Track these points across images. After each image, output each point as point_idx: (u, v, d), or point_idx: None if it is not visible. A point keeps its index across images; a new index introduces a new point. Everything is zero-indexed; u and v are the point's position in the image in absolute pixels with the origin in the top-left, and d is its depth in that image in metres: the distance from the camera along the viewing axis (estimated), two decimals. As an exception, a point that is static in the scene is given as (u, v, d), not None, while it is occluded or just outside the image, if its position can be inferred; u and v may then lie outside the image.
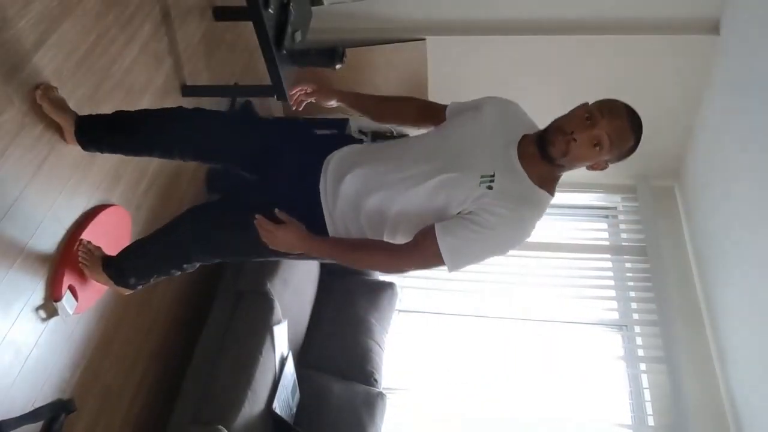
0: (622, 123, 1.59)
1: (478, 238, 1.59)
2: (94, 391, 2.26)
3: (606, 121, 1.58)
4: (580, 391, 3.36)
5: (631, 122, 1.60)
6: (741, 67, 3.12)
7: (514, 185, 1.63)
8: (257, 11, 2.43)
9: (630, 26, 3.40)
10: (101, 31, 2.22)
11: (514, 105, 1.88)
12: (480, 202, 1.59)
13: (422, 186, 1.65)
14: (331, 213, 1.75)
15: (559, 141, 1.62)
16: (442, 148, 1.72)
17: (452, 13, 3.55)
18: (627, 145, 1.62)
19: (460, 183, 1.62)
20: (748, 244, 2.96)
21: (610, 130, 1.58)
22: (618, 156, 1.66)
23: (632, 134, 1.61)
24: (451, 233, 1.59)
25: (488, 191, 1.59)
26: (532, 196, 1.65)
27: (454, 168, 1.64)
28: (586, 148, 1.60)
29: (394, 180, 1.69)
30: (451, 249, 1.59)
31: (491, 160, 1.65)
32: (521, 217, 1.61)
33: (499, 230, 1.59)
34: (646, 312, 3.55)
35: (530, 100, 3.87)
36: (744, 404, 2.95)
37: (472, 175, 1.62)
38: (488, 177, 1.60)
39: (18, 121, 1.86)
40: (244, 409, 2.38)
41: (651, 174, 4.05)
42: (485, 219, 1.57)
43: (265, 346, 2.57)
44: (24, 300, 1.92)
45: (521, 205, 1.61)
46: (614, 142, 1.59)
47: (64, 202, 2.07)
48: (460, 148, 1.70)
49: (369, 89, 3.85)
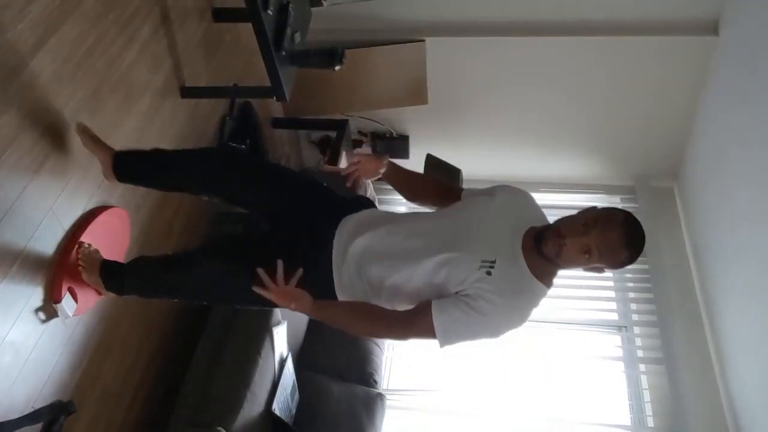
0: (613, 237, 1.60)
1: (471, 322, 1.65)
2: (93, 392, 2.26)
3: (598, 231, 1.61)
4: (579, 393, 3.36)
5: (625, 237, 1.60)
6: (740, 68, 3.12)
7: (513, 274, 1.68)
8: (256, 12, 2.43)
9: (629, 27, 3.41)
10: (101, 33, 2.22)
11: (526, 195, 1.93)
12: (477, 286, 1.65)
13: (425, 261, 1.72)
14: (339, 269, 1.82)
15: (552, 242, 1.66)
16: (450, 228, 1.79)
17: (451, 14, 3.55)
18: (617, 257, 1.63)
19: (460, 263, 1.68)
20: (747, 244, 2.96)
21: (600, 242, 1.60)
22: (613, 265, 1.66)
23: (623, 249, 1.61)
24: (446, 313, 1.66)
25: (486, 276, 1.65)
26: (528, 287, 1.70)
27: (457, 248, 1.70)
28: (576, 254, 1.63)
29: (399, 251, 1.76)
30: (444, 328, 1.66)
31: (495, 247, 1.70)
32: (514, 307, 1.68)
33: (492, 317, 1.65)
34: (645, 313, 3.56)
35: (529, 101, 3.91)
36: (743, 405, 2.95)
37: (473, 258, 1.67)
38: (489, 262, 1.66)
39: (17, 122, 1.86)
40: (244, 410, 2.38)
41: (650, 175, 4.06)
42: (480, 305, 1.64)
43: (265, 348, 2.57)
44: (23, 301, 1.92)
45: (516, 295, 1.67)
46: (603, 254, 1.61)
47: (64, 204, 2.07)
48: (466, 230, 1.76)
49: (368, 90, 3.87)
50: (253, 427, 2.43)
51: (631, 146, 3.97)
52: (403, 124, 4.10)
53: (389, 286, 1.78)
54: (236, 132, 3.30)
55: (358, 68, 3.70)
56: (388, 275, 1.77)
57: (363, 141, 4.17)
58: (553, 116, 3.89)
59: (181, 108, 2.80)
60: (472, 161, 3.96)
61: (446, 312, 1.67)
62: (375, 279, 1.79)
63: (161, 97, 2.64)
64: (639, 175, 4.09)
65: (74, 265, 2.08)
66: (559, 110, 3.86)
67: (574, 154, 4.09)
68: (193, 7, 2.89)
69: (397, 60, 3.70)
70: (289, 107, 3.90)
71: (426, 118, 3.99)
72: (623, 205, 4.12)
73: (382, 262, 1.78)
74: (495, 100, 3.88)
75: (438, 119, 3.99)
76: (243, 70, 3.38)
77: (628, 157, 4.04)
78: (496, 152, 4.17)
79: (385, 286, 1.79)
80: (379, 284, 1.79)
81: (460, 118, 3.98)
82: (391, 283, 1.77)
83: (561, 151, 4.08)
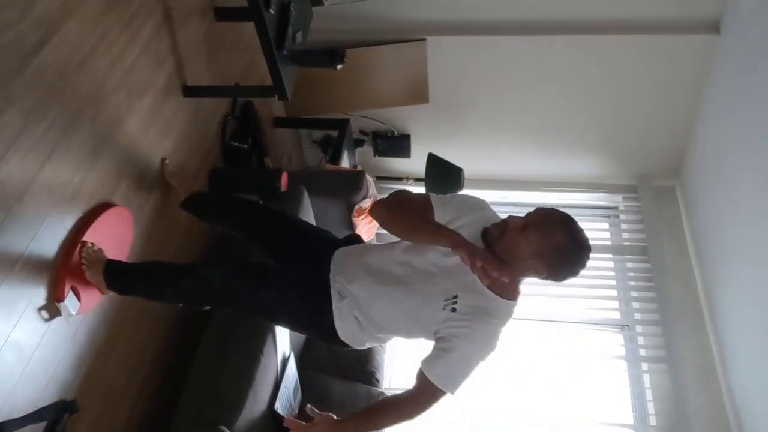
0: (547, 217, 1.71)
1: (458, 362, 1.78)
2: (96, 391, 2.26)
3: (535, 214, 1.74)
4: (581, 392, 3.36)
5: (560, 220, 1.71)
6: (741, 67, 3.12)
7: (476, 301, 1.77)
8: (258, 12, 2.43)
9: (630, 26, 3.41)
10: (103, 32, 2.22)
11: (481, 213, 1.89)
12: (447, 325, 1.77)
13: (397, 306, 1.86)
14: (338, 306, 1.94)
15: (496, 227, 1.77)
16: (415, 269, 1.87)
17: (452, 13, 3.55)
18: (555, 235, 1.68)
19: (426, 308, 1.81)
20: (750, 243, 2.96)
21: (536, 218, 1.72)
22: (554, 254, 1.69)
23: (559, 227, 1.69)
24: (438, 367, 1.78)
25: (452, 314, 1.77)
26: (494, 307, 1.78)
27: (420, 292, 1.82)
28: (514, 232, 1.72)
29: (372, 299, 1.90)
30: (444, 379, 1.77)
31: (453, 281, 1.80)
32: (484, 331, 1.78)
33: (468, 348, 1.77)
34: (647, 312, 3.56)
35: (531, 100, 3.91)
36: (745, 403, 2.95)
37: (436, 300, 1.79)
38: (451, 299, 1.78)
39: (20, 121, 1.86)
40: (246, 409, 2.37)
41: (652, 173, 4.06)
42: (454, 344, 1.76)
43: (267, 347, 2.57)
44: (27, 300, 1.92)
45: (483, 321, 1.76)
46: (539, 228, 1.69)
47: (67, 203, 2.07)
48: (425, 272, 1.85)
49: (369, 89, 3.87)
50: (256, 426, 2.43)
51: (633, 145, 3.97)
52: (405, 123, 4.10)
53: (376, 324, 1.92)
54: (238, 131, 3.30)
55: (360, 67, 3.70)
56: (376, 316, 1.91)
57: (364, 140, 4.17)
58: (555, 115, 3.89)
59: (183, 107, 2.80)
60: (474, 160, 3.96)
61: (436, 367, 1.78)
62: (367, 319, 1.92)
63: (163, 96, 2.64)
64: (641, 173, 4.09)
65: (77, 264, 2.08)
66: (560, 109, 3.86)
67: (575, 153, 4.09)
68: (195, 6, 2.89)
69: (398, 59, 3.70)
70: (291, 106, 3.91)
71: (427, 117, 3.99)
72: (625, 203, 4.12)
73: (367, 306, 1.91)
74: (496, 99, 3.88)
75: (439, 118, 3.99)
76: (245, 69, 3.39)
77: (630, 156, 4.04)
78: (498, 151, 4.17)
79: (372, 323, 1.92)
80: (368, 320, 1.92)
81: (461, 117, 3.98)
82: (381, 322, 1.92)
83: (562, 150, 4.08)
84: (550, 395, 3.35)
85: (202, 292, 2.11)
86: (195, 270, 2.12)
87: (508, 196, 4.28)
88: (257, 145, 3.35)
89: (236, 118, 3.29)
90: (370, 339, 2.00)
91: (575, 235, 1.70)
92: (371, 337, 1.98)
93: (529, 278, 1.81)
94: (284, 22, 2.64)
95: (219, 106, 3.15)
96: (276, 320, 2.28)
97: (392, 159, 4.27)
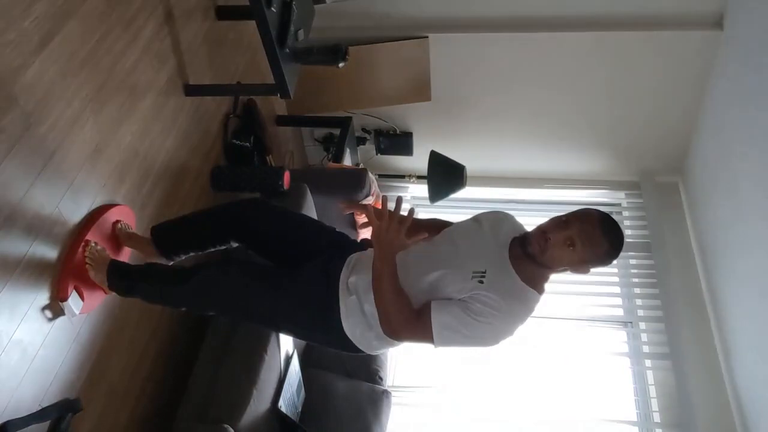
0: (592, 227, 1.71)
1: (468, 322, 1.73)
2: (100, 390, 2.26)
3: (578, 224, 1.72)
4: (585, 389, 3.36)
5: (602, 225, 1.72)
6: (745, 63, 3.11)
7: (504, 282, 1.77)
8: (260, 10, 2.43)
9: (633, 22, 3.40)
10: (105, 31, 2.22)
11: (507, 215, 2.03)
12: (474, 293, 1.74)
13: (417, 283, 1.82)
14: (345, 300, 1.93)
15: (536, 240, 1.77)
16: (438, 251, 1.90)
17: (454, 10, 3.55)
18: (600, 248, 1.72)
19: (453, 278, 1.78)
20: (753, 239, 2.95)
21: (581, 232, 1.71)
22: (596, 259, 1.75)
23: (603, 238, 1.71)
24: (445, 311, 1.75)
25: (480, 284, 1.74)
26: (520, 293, 1.77)
27: (446, 266, 1.81)
28: (560, 247, 1.73)
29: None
30: (441, 325, 1.73)
31: (484, 260, 1.81)
32: (510, 311, 1.74)
33: (488, 319, 1.72)
34: (650, 308, 3.55)
35: (533, 97, 3.91)
36: (750, 399, 2.95)
37: (464, 271, 1.78)
38: (480, 273, 1.76)
39: (22, 121, 1.86)
40: (250, 408, 2.38)
41: (655, 170, 4.05)
42: (477, 308, 1.72)
43: (270, 345, 2.57)
44: (30, 300, 1.92)
45: (510, 299, 1.74)
46: (585, 243, 1.71)
47: (69, 202, 2.07)
48: (454, 249, 1.87)
49: (371, 87, 3.87)
50: (260, 424, 2.43)
51: (636, 142, 3.96)
52: (407, 121, 4.10)
53: None
54: (240, 130, 3.30)
55: (362, 65, 3.70)
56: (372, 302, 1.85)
57: (367, 138, 4.17)
58: (558, 112, 3.88)
59: (184, 106, 2.80)
60: (476, 158, 3.96)
61: (444, 310, 1.75)
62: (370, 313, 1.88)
63: (165, 95, 2.64)
64: (644, 170, 4.08)
65: (80, 263, 2.09)
66: (563, 106, 3.85)
67: (578, 150, 4.08)
68: (196, 5, 2.89)
69: (400, 57, 3.70)
70: (293, 105, 3.91)
71: (429, 115, 3.99)
72: (628, 200, 4.12)
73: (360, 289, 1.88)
74: (499, 96, 3.87)
75: (441, 116, 3.98)
76: (246, 67, 3.38)
77: (633, 153, 4.03)
78: (500, 148, 4.17)
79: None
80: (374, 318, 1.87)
81: (463, 115, 3.97)
82: None
83: (565, 147, 4.07)
84: (553, 392, 3.35)
85: (206, 296, 2.08)
86: (199, 272, 2.10)
87: (510, 194, 4.28)
88: (259, 144, 3.35)
89: (238, 116, 3.29)
90: (378, 340, 1.93)
91: (617, 241, 1.74)
92: (378, 336, 1.92)
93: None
94: (286, 20, 2.64)
95: (221, 105, 3.15)
96: (283, 327, 2.16)
97: (394, 157, 4.27)
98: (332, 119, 3.98)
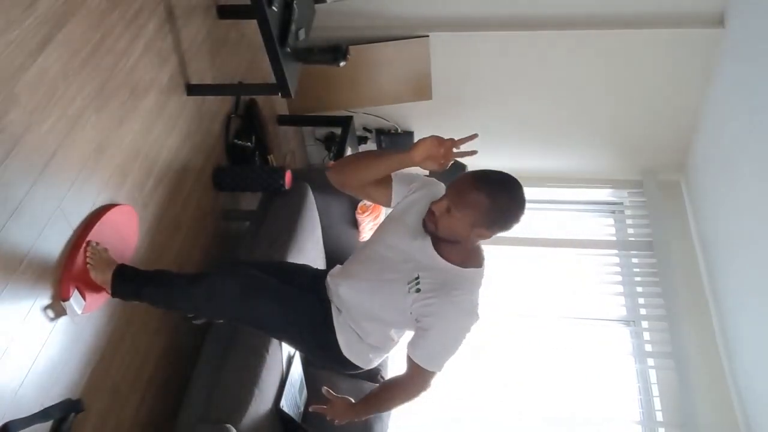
0: (464, 187, 1.74)
1: (436, 340, 1.80)
2: (102, 390, 2.26)
3: (451, 189, 1.77)
4: (588, 388, 3.35)
5: (475, 184, 1.73)
6: (746, 60, 3.11)
7: (438, 277, 1.81)
8: (261, 9, 2.43)
9: (635, 21, 3.39)
10: (106, 30, 2.21)
11: (423, 186, 1.97)
12: (416, 308, 1.79)
13: (367, 303, 1.93)
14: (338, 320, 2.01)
15: (428, 219, 1.81)
16: (374, 262, 1.95)
17: (455, 9, 3.54)
18: (479, 205, 1.71)
19: (393, 295, 1.84)
20: (755, 237, 2.95)
21: (455, 195, 1.75)
22: (486, 219, 1.74)
23: (478, 193, 1.71)
24: (418, 347, 1.83)
25: (418, 294, 1.79)
26: (458, 279, 1.81)
27: (384, 281, 1.88)
28: (444, 217, 1.76)
29: (352, 302, 1.97)
30: (425, 358, 1.82)
31: (411, 264, 1.85)
32: (454, 303, 1.78)
33: (442, 325, 1.78)
34: (653, 307, 3.54)
35: (534, 95, 3.90)
36: (753, 398, 2.94)
37: (400, 286, 1.82)
38: (414, 281, 1.81)
39: (24, 120, 1.86)
40: (252, 407, 2.37)
41: (657, 168, 4.05)
42: (428, 322, 1.79)
43: (272, 345, 2.57)
44: (32, 300, 1.92)
45: (449, 293, 1.77)
46: (461, 205, 1.73)
47: (71, 202, 2.07)
48: (385, 261, 1.91)
49: (372, 86, 3.86)
50: (262, 424, 2.43)
51: (638, 140, 3.95)
52: (408, 120, 4.09)
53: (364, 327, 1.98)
54: (241, 129, 3.30)
55: (362, 64, 3.70)
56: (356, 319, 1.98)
57: (368, 137, 4.17)
58: (559, 111, 3.88)
59: (186, 105, 2.80)
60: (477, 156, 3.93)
61: (417, 348, 1.83)
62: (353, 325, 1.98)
63: (166, 95, 2.64)
64: (646, 168, 4.07)
65: (82, 263, 2.08)
66: (564, 105, 3.84)
67: (579, 149, 4.07)
68: (197, 4, 2.89)
69: (400, 56, 3.69)
70: (294, 104, 3.90)
71: (430, 114, 3.98)
72: (630, 199, 4.11)
73: (347, 311, 1.99)
74: (500, 95, 3.87)
75: (442, 114, 3.97)
76: (248, 67, 3.38)
77: (635, 151, 4.03)
78: (502, 147, 4.15)
79: (363, 329, 1.98)
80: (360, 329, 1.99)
81: (464, 114, 3.97)
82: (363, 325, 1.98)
83: (567, 146, 4.06)
84: (556, 391, 3.34)
85: (213, 302, 2.08)
86: (208, 277, 2.10)
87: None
88: (261, 143, 3.35)
89: (240, 116, 3.29)
90: (371, 351, 2.03)
91: (492, 189, 1.73)
92: (370, 348, 2.02)
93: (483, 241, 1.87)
94: (287, 20, 2.64)
95: (222, 105, 3.15)
96: (285, 336, 2.22)
97: (396, 156, 4.26)
98: (333, 118, 3.98)
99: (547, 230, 3.92)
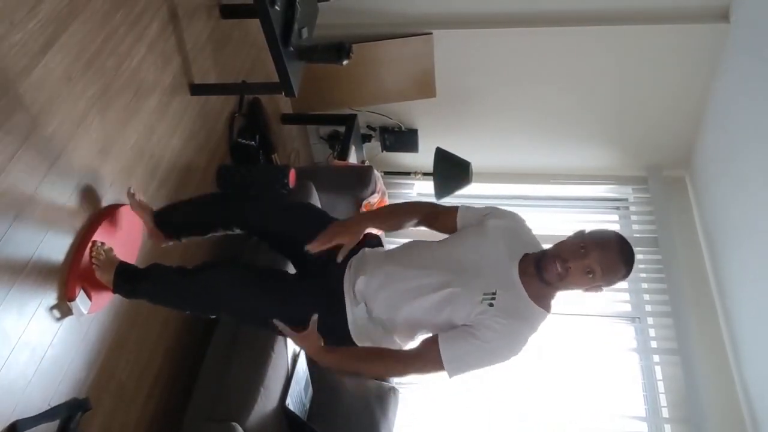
0: (612, 255, 1.73)
1: (476, 351, 1.75)
2: (109, 389, 2.27)
3: (598, 252, 1.72)
4: (593, 384, 3.35)
5: (621, 254, 1.74)
6: (751, 55, 3.09)
7: (513, 302, 1.78)
8: (264, 9, 2.43)
9: (638, 16, 3.38)
10: (109, 31, 2.23)
11: (515, 217, 2.00)
12: (480, 318, 1.75)
13: (427, 298, 1.81)
14: (352, 305, 1.92)
15: (554, 268, 1.76)
16: (449, 261, 1.87)
17: (458, 6, 3.53)
18: (618, 274, 1.76)
19: (463, 299, 1.78)
20: (761, 233, 2.94)
21: (601, 261, 1.72)
22: (611, 282, 1.78)
23: (622, 266, 1.74)
24: (453, 345, 1.76)
25: (489, 308, 1.75)
26: (528, 312, 1.79)
27: (458, 283, 1.80)
28: (580, 276, 1.74)
29: (400, 289, 1.86)
30: (452, 359, 1.75)
31: (494, 278, 1.81)
32: (515, 332, 1.77)
33: (495, 344, 1.75)
34: (658, 303, 3.53)
35: (538, 92, 3.89)
36: (759, 393, 2.93)
37: (475, 293, 1.77)
38: (490, 295, 1.76)
39: (29, 122, 1.87)
40: (258, 405, 2.39)
41: (662, 164, 4.03)
42: (483, 334, 1.73)
43: (278, 343, 2.58)
44: (38, 300, 1.93)
45: (517, 321, 1.76)
46: (605, 272, 1.73)
47: (76, 203, 2.08)
48: (465, 263, 1.85)
49: (376, 84, 3.86)
50: (267, 422, 2.44)
51: (642, 136, 3.94)
52: (412, 118, 4.09)
53: (394, 322, 1.88)
54: (245, 128, 3.31)
55: (366, 62, 3.69)
56: (393, 312, 1.87)
57: (372, 135, 4.17)
58: (563, 107, 3.87)
59: (190, 105, 2.80)
60: (482, 154, 3.95)
61: (452, 344, 1.76)
62: (382, 314, 1.88)
63: (170, 95, 2.65)
64: (651, 165, 4.05)
65: (88, 263, 2.09)
66: (569, 101, 3.83)
67: (584, 145, 4.06)
68: (200, 4, 2.89)
69: (404, 53, 3.69)
70: (298, 103, 3.90)
71: (434, 112, 3.98)
72: (635, 195, 4.09)
73: (385, 300, 1.87)
74: (504, 92, 3.86)
75: (447, 112, 3.97)
76: (251, 66, 3.39)
77: (640, 148, 4.01)
78: (506, 144, 4.16)
79: (396, 324, 1.89)
80: (390, 322, 1.89)
81: (468, 111, 3.96)
82: (397, 319, 1.87)
83: (571, 143, 4.05)
84: (562, 388, 3.34)
85: (209, 297, 2.07)
86: (204, 272, 2.10)
87: (516, 190, 4.26)
88: (265, 142, 3.36)
89: (243, 115, 3.29)
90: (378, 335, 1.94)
91: (632, 265, 1.76)
92: (379, 334, 1.94)
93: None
94: (290, 19, 2.64)
95: (226, 104, 3.16)
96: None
97: (400, 154, 4.26)
98: (337, 117, 3.98)
99: (552, 227, 3.91)
